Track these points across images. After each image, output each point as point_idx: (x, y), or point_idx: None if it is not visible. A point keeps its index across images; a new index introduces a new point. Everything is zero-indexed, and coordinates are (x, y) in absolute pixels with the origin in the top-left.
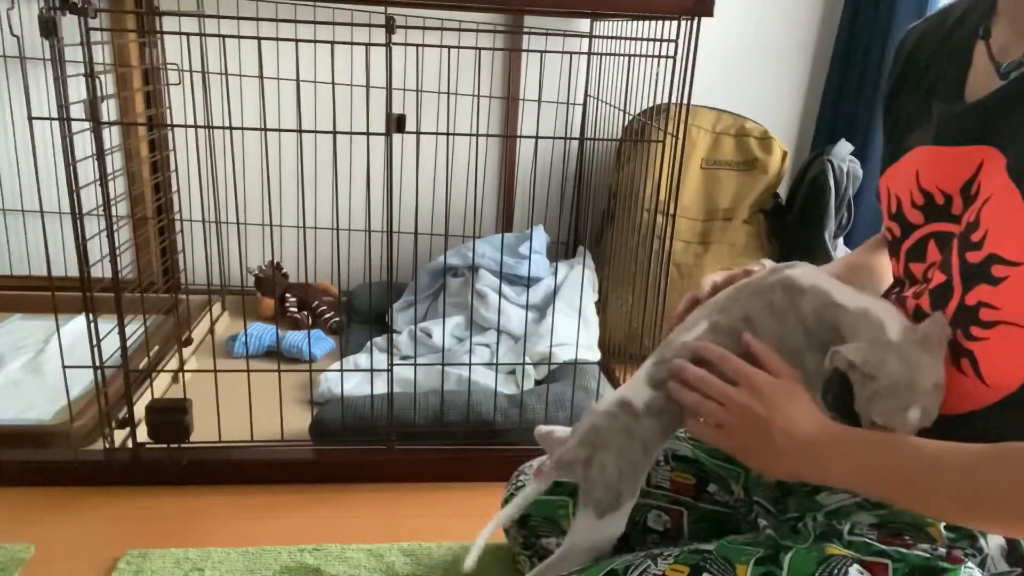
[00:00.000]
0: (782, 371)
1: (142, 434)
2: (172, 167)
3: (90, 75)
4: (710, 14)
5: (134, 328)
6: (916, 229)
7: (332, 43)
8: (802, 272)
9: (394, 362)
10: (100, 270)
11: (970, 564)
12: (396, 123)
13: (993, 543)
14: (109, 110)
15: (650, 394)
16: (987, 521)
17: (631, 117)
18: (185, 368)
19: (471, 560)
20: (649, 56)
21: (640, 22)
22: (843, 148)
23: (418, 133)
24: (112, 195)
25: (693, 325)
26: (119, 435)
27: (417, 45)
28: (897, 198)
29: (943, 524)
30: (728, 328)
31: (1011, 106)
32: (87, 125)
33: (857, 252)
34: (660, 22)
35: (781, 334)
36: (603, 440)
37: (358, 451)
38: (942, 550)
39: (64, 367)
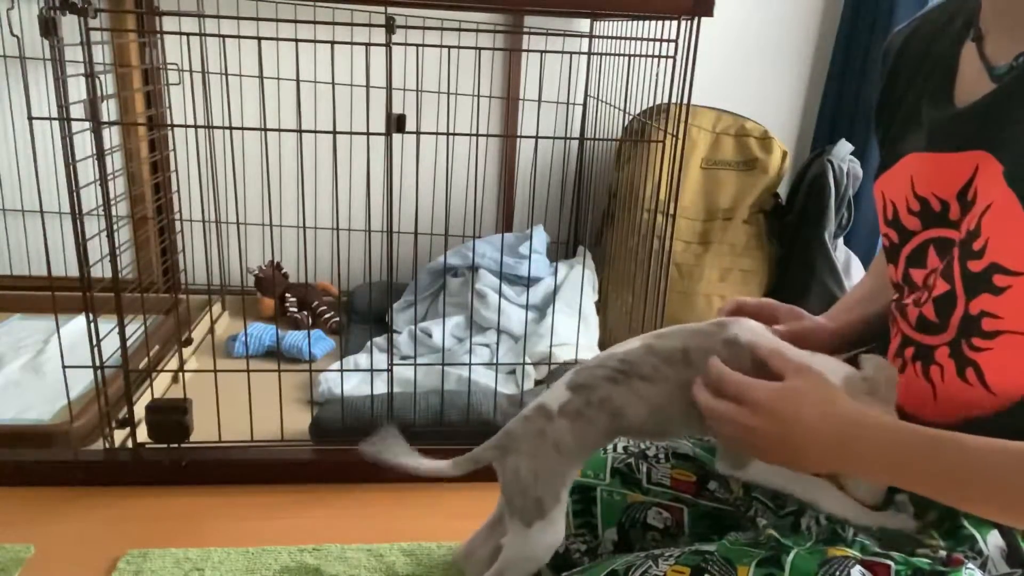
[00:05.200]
0: (786, 371)
1: (142, 434)
2: (172, 167)
3: (90, 75)
4: (710, 14)
5: (134, 328)
6: (914, 235)
7: (332, 43)
8: (747, 328)
9: (394, 362)
10: (100, 270)
11: (970, 565)
12: (396, 123)
13: (992, 544)
14: (109, 110)
15: (567, 397)
16: None
17: (631, 117)
18: (185, 368)
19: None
20: (649, 56)
21: (640, 22)
22: (843, 148)
23: (418, 133)
24: (112, 195)
25: (628, 343)
26: (119, 435)
27: (417, 45)
28: (893, 204)
29: (940, 533)
30: (664, 352)
31: (1004, 109)
32: (87, 125)
33: (865, 279)
34: (660, 22)
35: None
36: (515, 444)
37: (358, 451)
38: (943, 554)
39: (64, 367)
